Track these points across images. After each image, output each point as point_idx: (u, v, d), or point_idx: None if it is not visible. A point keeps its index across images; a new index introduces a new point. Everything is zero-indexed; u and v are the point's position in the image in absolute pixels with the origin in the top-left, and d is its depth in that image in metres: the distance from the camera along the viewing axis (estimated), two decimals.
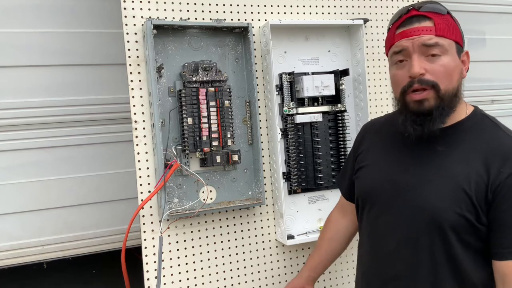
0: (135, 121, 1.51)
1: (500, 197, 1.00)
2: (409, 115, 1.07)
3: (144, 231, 1.52)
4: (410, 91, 1.05)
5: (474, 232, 1.03)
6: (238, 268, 1.66)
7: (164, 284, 1.55)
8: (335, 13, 1.80)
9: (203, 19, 1.59)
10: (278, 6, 1.70)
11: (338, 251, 1.43)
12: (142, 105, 1.51)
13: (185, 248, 1.58)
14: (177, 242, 1.56)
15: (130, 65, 1.50)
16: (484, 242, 1.04)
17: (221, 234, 1.63)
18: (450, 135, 1.09)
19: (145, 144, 1.52)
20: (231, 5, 1.63)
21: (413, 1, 1.88)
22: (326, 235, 1.43)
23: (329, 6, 1.79)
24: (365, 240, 1.24)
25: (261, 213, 1.69)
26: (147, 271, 1.53)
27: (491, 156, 1.03)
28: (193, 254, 1.59)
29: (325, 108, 1.73)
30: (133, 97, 1.50)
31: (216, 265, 1.62)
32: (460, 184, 1.03)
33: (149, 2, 1.52)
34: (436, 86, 1.03)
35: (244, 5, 1.65)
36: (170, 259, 1.56)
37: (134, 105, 1.50)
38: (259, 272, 1.69)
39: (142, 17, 1.51)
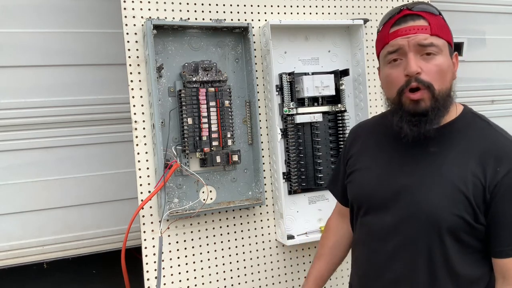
0: (135, 121, 1.51)
1: (498, 197, 1.00)
2: (405, 115, 1.06)
3: (144, 231, 1.52)
4: (407, 90, 1.04)
5: (471, 232, 1.03)
6: (238, 268, 1.66)
7: (164, 284, 1.55)
8: (335, 13, 1.80)
9: (203, 19, 1.59)
10: (278, 6, 1.70)
11: (342, 257, 1.40)
12: (142, 105, 1.51)
13: (185, 248, 1.58)
14: (177, 242, 1.57)
15: (130, 65, 1.50)
16: (481, 241, 1.05)
17: (221, 234, 1.63)
18: (444, 135, 1.08)
19: (145, 144, 1.52)
20: (231, 5, 1.63)
21: (407, 1, 1.88)
22: (328, 243, 1.40)
23: (329, 6, 1.79)
24: (361, 244, 1.23)
25: (261, 213, 1.69)
26: (147, 271, 1.53)
27: (486, 156, 1.03)
28: (193, 254, 1.59)
29: (325, 108, 1.73)
30: (133, 97, 1.50)
31: (216, 265, 1.63)
32: (457, 185, 1.03)
33: (149, 2, 1.52)
34: (431, 87, 1.02)
35: (244, 5, 1.65)
36: (170, 259, 1.56)
37: (134, 105, 1.50)
38: (259, 272, 1.69)
39: (142, 17, 1.51)
